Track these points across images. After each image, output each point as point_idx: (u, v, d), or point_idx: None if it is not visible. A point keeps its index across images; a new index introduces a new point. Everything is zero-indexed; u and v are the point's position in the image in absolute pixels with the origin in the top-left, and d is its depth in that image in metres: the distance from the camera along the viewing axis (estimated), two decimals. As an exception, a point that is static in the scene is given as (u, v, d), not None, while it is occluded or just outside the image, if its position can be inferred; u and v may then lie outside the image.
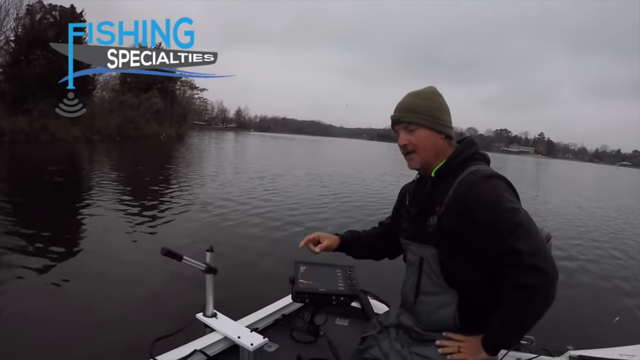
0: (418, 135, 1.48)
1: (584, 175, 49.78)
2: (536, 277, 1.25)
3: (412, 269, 1.56)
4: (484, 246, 1.33)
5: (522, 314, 1.32)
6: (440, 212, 1.42)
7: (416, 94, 1.52)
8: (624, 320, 3.11)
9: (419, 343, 1.52)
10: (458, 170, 1.44)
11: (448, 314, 1.45)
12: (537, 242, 1.28)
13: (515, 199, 1.35)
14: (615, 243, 9.22)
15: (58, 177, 10.99)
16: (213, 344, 1.82)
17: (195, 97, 56.82)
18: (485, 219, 1.31)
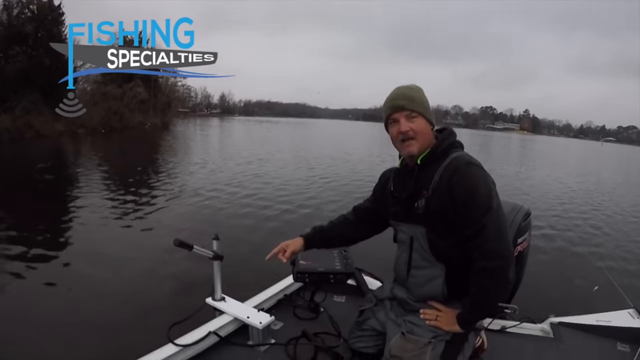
0: (418, 123, 1.59)
1: (568, 152, 49.94)
2: (495, 261, 1.44)
3: (404, 247, 1.71)
4: (460, 225, 1.50)
5: (485, 294, 1.49)
6: (427, 195, 1.56)
7: (407, 86, 1.64)
8: (602, 289, 3.21)
9: (411, 313, 1.68)
10: (441, 158, 1.58)
11: (437, 286, 1.62)
12: (502, 228, 1.46)
13: (490, 185, 1.51)
14: (597, 217, 9.51)
15: (48, 175, 11.00)
16: (224, 325, 1.94)
17: (179, 85, 55.94)
18: (462, 201, 1.47)
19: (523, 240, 2.03)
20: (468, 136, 69.79)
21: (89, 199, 8.48)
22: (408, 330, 1.61)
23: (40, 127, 21.19)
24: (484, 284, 1.47)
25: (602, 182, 17.63)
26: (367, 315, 1.85)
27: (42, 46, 22.61)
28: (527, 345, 2.07)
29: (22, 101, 20.75)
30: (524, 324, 2.22)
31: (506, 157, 28.58)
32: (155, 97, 40.41)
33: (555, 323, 2.20)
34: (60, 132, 22.97)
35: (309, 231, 1.98)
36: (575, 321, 2.22)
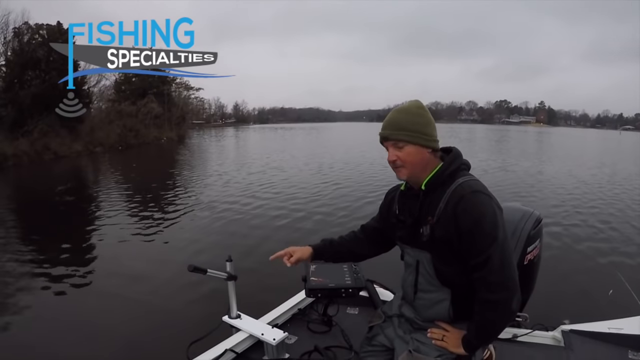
0: (406, 151, 1.55)
1: (584, 143, 48.59)
2: (499, 294, 1.42)
3: (410, 269, 1.70)
4: (465, 255, 1.47)
5: (488, 324, 1.49)
6: (432, 222, 1.53)
7: (402, 109, 1.61)
8: (616, 293, 3.16)
9: (418, 330, 1.68)
10: (447, 182, 1.54)
11: (443, 309, 1.61)
12: (507, 260, 1.43)
13: (496, 213, 1.47)
14: (612, 215, 9.22)
15: (68, 197, 11.25)
16: (240, 342, 1.98)
17: (192, 97, 56.61)
18: (467, 231, 1.44)
19: (533, 248, 1.99)
20: (484, 132, 69.69)
21: (108, 218, 8.68)
22: (415, 348, 1.62)
23: (58, 148, 21.53)
24: (488, 315, 1.48)
25: (617, 174, 17.10)
26: (376, 331, 1.86)
27: (54, 69, 23.00)
28: (537, 354, 2.05)
29: (39, 124, 21.10)
30: (536, 332, 2.20)
31: (521, 153, 28.02)
32: (169, 112, 40.95)
33: (567, 331, 2.18)
34: (78, 151, 23.37)
35: (318, 242, 1.99)
36: (587, 329, 2.19)
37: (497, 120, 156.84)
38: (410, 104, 1.61)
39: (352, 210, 9.34)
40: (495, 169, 16.70)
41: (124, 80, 40.66)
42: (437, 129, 1.60)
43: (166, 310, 4.56)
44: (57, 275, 5.58)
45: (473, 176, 1.58)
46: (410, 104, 1.61)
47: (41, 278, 5.51)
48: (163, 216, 8.98)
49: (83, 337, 3.96)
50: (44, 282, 5.37)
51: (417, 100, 1.62)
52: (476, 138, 44.83)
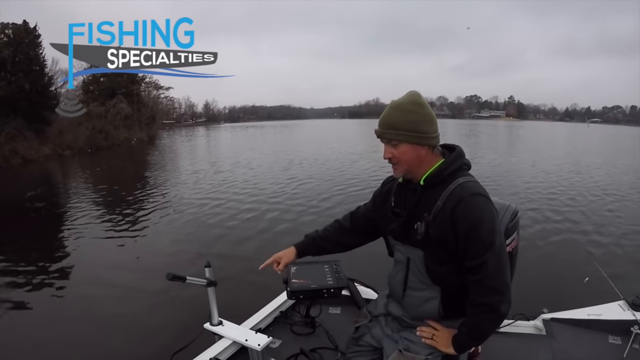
0: (401, 149, 1.53)
1: (553, 136, 49.98)
2: (491, 298, 1.44)
3: (400, 266, 1.68)
4: (460, 257, 1.47)
5: (480, 326, 1.50)
6: (428, 220, 1.52)
7: (397, 105, 1.54)
8: (593, 281, 3.24)
9: (407, 329, 1.68)
10: (447, 181, 1.52)
11: (433, 307, 1.61)
12: (500, 265, 1.43)
13: (494, 217, 1.47)
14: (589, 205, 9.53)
15: (38, 203, 11.05)
16: (224, 350, 1.97)
17: (162, 97, 55.76)
18: (465, 233, 1.43)
19: (511, 240, 1.96)
20: (454, 126, 70.05)
21: (80, 225, 8.61)
22: (405, 347, 1.62)
23: (26, 152, 21.08)
24: (480, 317, 1.48)
25: (590, 165, 17.68)
26: (362, 331, 1.84)
27: (21, 70, 22.51)
28: (521, 344, 2.10)
29: (6, 128, 20.60)
30: (517, 322, 2.26)
31: (491, 146, 28.94)
32: (139, 112, 40.30)
33: (548, 319, 2.23)
34: (46, 155, 22.88)
35: (301, 240, 1.97)
36: (567, 316, 2.25)
37: (468, 115, 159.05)
38: (405, 98, 1.55)
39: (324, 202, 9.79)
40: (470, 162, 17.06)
41: (92, 81, 39.72)
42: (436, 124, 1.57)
43: (146, 319, 4.51)
44: (29, 286, 5.48)
45: (473, 177, 1.56)
46: (405, 99, 1.54)
47: (10, 288, 5.39)
48: (136, 221, 9.01)
49: (59, 352, 3.89)
50: (15, 293, 5.25)
51: (414, 94, 1.56)
52: (447, 132, 45.52)
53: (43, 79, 25.08)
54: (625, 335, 2.06)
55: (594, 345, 2.06)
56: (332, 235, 1.93)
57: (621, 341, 2.07)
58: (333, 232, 1.94)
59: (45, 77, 25.50)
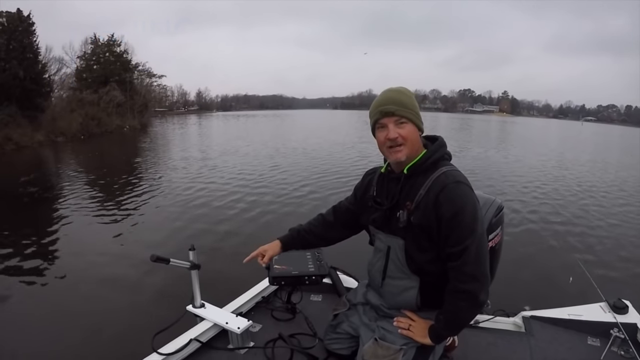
0: (407, 129, 1.53)
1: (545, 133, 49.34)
2: (471, 285, 1.45)
3: (380, 255, 1.70)
4: (442, 243, 1.49)
5: (458, 314, 1.51)
6: (410, 208, 1.53)
7: (399, 90, 1.57)
8: (577, 281, 3.25)
9: (384, 318, 1.72)
10: (430, 170, 1.54)
11: (411, 297, 1.64)
12: (482, 254, 1.46)
13: (477, 205, 1.49)
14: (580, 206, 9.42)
15: (32, 188, 11.11)
16: (205, 331, 2.00)
17: (155, 85, 55.68)
18: (447, 220, 1.45)
19: (495, 235, 1.95)
20: (447, 120, 69.43)
21: (72, 210, 8.79)
22: (380, 336, 1.64)
23: (19, 138, 21.26)
24: (459, 304, 1.49)
25: (580, 164, 17.53)
26: (340, 319, 1.88)
27: (14, 58, 22.68)
28: (499, 340, 2.09)
29: (0, 115, 20.81)
30: (497, 318, 2.28)
31: (482, 142, 28.91)
32: (131, 99, 40.25)
33: (528, 317, 2.24)
34: (40, 141, 23.02)
35: (286, 233, 2.00)
36: (547, 315, 2.25)
37: (461, 109, 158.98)
38: (399, 88, 1.59)
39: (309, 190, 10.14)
40: (458, 156, 16.80)
41: (85, 68, 39.78)
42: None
43: (130, 301, 4.59)
44: (19, 269, 5.63)
45: (455, 167, 1.57)
46: (401, 88, 1.59)
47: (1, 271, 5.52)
48: (125, 206, 9.20)
49: (45, 331, 3.96)
50: (5, 276, 5.40)
51: (404, 87, 1.61)
52: (440, 127, 45.55)
53: (37, 66, 25.17)
54: (604, 337, 2.04)
55: (572, 345, 2.04)
56: (316, 229, 1.97)
57: (600, 343, 2.05)
58: (317, 225, 1.98)
59: (39, 65, 25.60)
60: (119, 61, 41.80)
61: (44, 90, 25.99)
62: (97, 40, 41.78)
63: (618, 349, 1.98)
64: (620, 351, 1.97)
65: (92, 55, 40.89)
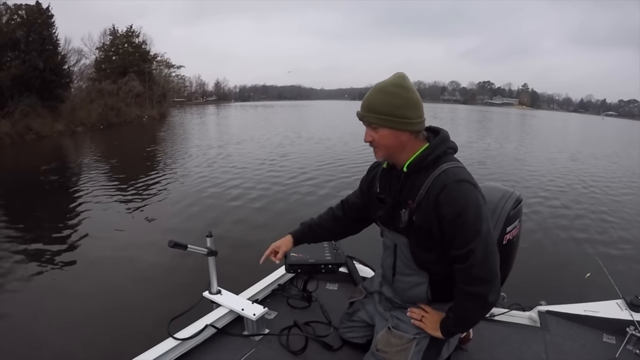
0: (380, 133, 1.48)
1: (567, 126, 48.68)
2: (478, 287, 1.40)
3: (389, 251, 1.71)
4: (446, 245, 1.45)
5: (467, 314, 1.49)
6: (412, 207, 1.49)
7: (380, 88, 1.47)
8: (594, 277, 3.15)
9: (398, 308, 1.73)
10: (431, 167, 1.47)
11: (421, 292, 1.63)
12: (490, 254, 1.40)
13: (480, 203, 1.41)
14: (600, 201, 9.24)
15: (53, 176, 11.35)
16: (221, 318, 2.03)
17: (173, 75, 55.99)
18: (449, 222, 1.39)
19: (512, 228, 1.91)
20: (466, 112, 68.94)
21: (92, 196, 9.00)
22: (394, 325, 1.64)
23: (40, 128, 21.49)
24: (468, 306, 1.46)
25: (600, 159, 17.09)
26: (356, 307, 1.90)
27: (34, 50, 22.93)
28: (514, 334, 2.08)
29: (20, 105, 21.00)
30: (513, 312, 2.25)
31: (501, 133, 28.61)
32: (150, 90, 40.48)
33: (543, 311, 2.22)
34: (60, 131, 23.29)
35: (297, 228, 1.97)
36: (563, 310, 2.22)
37: (480, 101, 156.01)
38: (390, 80, 1.48)
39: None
40: (476, 148, 17.06)
41: (104, 59, 40.08)
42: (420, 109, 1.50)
43: (148, 286, 4.68)
44: (41, 254, 5.72)
45: (459, 162, 1.51)
46: (389, 81, 1.47)
47: (25, 257, 5.65)
48: (143, 193, 9.35)
49: (65, 315, 4.06)
50: (28, 261, 5.51)
51: (399, 76, 1.48)
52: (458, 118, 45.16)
53: (56, 57, 25.43)
54: (620, 335, 2.00)
55: (587, 341, 2.01)
56: (326, 223, 1.94)
57: (615, 340, 2.01)
58: (327, 220, 1.94)
59: (58, 56, 25.86)
60: (137, 52, 42.06)
61: (63, 81, 26.30)
62: (116, 31, 42.12)
63: (634, 347, 1.94)
64: (635, 349, 1.93)
65: (110, 47, 41.20)
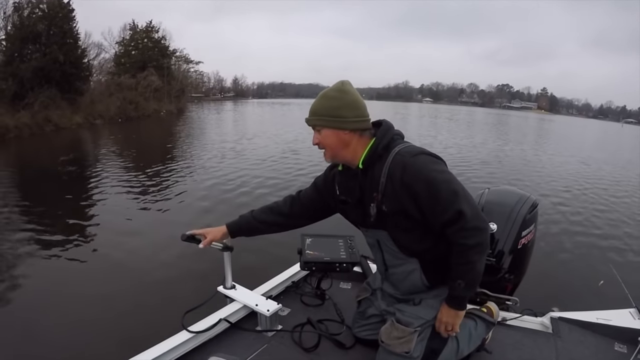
0: (323, 134, 1.60)
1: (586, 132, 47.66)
2: (479, 236, 1.45)
3: (375, 249, 1.75)
4: (429, 217, 1.48)
5: (475, 268, 1.49)
6: (377, 199, 1.54)
7: (322, 94, 1.61)
8: (607, 285, 3.13)
9: (401, 302, 1.75)
10: (383, 156, 1.54)
11: (415, 278, 1.65)
12: (473, 205, 1.45)
13: (444, 168, 1.49)
14: (615, 209, 8.95)
15: (71, 167, 11.40)
16: (234, 312, 2.04)
17: (192, 71, 56.26)
18: (425, 194, 1.44)
19: (528, 232, 1.92)
20: (483, 115, 67.91)
21: (110, 189, 8.97)
22: (397, 318, 1.67)
23: (59, 120, 21.66)
24: (472, 259, 1.47)
25: (616, 166, 16.67)
26: (366, 305, 1.92)
27: (55, 43, 23.17)
28: (525, 339, 2.07)
29: (40, 97, 21.17)
30: (525, 317, 2.23)
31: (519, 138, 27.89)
32: (169, 85, 40.82)
33: (556, 318, 2.19)
34: (78, 123, 23.45)
35: (234, 219, 2.00)
36: (576, 317, 2.20)
37: (498, 104, 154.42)
38: (331, 87, 1.62)
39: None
40: (493, 152, 16.77)
41: (123, 54, 40.50)
42: (360, 110, 1.59)
43: (163, 279, 4.66)
44: (58, 244, 5.73)
45: (408, 142, 1.60)
46: (331, 88, 1.62)
47: (42, 246, 5.65)
48: (159, 186, 9.32)
49: (80, 305, 4.03)
50: (45, 250, 5.51)
51: (340, 82, 1.61)
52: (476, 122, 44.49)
53: (76, 51, 25.68)
54: (632, 344, 1.98)
55: (598, 349, 1.99)
56: (268, 216, 1.96)
57: (627, 350, 1.98)
58: (269, 213, 1.97)
59: (78, 50, 26.13)
60: (157, 47, 42.36)
61: (83, 74, 26.56)
62: (136, 26, 42.48)
63: None
64: None
65: (130, 41, 41.57)
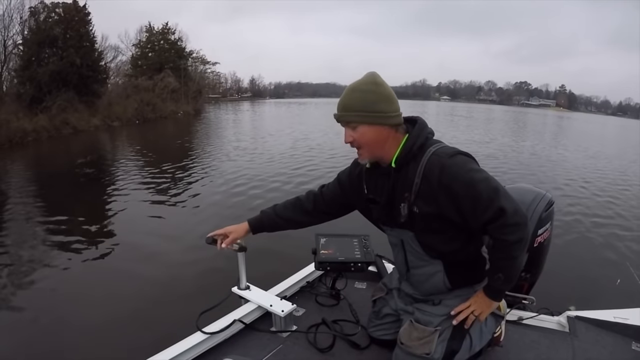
0: (360, 131, 1.49)
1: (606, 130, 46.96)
2: (520, 232, 1.41)
3: (397, 249, 1.70)
4: (467, 218, 1.43)
5: (515, 263, 1.46)
6: (410, 200, 1.49)
7: (354, 88, 1.50)
8: (625, 284, 3.16)
9: (419, 302, 1.71)
10: (418, 155, 1.48)
11: (438, 280, 1.61)
12: (513, 201, 1.41)
13: (480, 167, 1.46)
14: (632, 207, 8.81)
15: (88, 169, 11.54)
16: (249, 313, 2.04)
17: (208, 72, 56.48)
18: (465, 195, 1.39)
19: (544, 231, 1.93)
20: (501, 113, 67.53)
21: (127, 190, 9.05)
22: (416, 318, 1.63)
23: (76, 123, 21.75)
24: (514, 254, 1.44)
25: (636, 163, 16.43)
26: (381, 304, 1.88)
27: (71, 46, 23.37)
28: (542, 338, 2.05)
29: (58, 100, 21.31)
30: (541, 316, 2.21)
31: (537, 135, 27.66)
32: (186, 86, 40.96)
33: (572, 317, 2.17)
34: (96, 126, 23.59)
35: (256, 215, 1.96)
36: (592, 316, 2.18)
37: (516, 102, 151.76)
38: (362, 79, 1.51)
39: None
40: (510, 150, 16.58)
41: (140, 56, 40.85)
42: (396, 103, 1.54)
43: (178, 280, 4.71)
44: (75, 245, 5.77)
45: (442, 142, 1.54)
46: (361, 80, 1.51)
47: (59, 248, 5.69)
48: (176, 188, 9.36)
49: (96, 305, 4.10)
50: (62, 252, 5.55)
51: (371, 74, 1.52)
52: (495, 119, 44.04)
53: (93, 54, 25.87)
54: None
55: (615, 349, 1.97)
56: (290, 213, 1.92)
57: None
58: (291, 209, 1.93)
59: (95, 53, 26.32)
60: (173, 49, 42.56)
61: (100, 76, 26.73)
62: (152, 28, 42.72)
63: None
64: None
65: (147, 43, 41.88)
